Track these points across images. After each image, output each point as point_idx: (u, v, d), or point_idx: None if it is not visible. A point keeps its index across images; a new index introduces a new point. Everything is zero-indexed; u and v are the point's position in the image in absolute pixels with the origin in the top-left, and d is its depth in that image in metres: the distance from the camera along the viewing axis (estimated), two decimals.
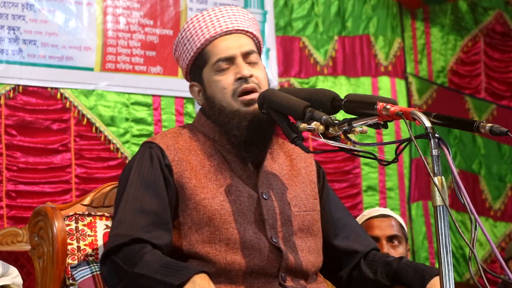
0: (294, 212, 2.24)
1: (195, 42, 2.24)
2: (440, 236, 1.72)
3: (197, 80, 2.27)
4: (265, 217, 2.17)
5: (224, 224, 2.13)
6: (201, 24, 2.25)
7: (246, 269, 2.12)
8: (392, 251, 3.22)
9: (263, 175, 2.23)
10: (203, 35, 2.23)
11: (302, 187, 2.30)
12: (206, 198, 2.15)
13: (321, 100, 2.04)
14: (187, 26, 2.27)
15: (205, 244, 2.13)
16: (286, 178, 2.28)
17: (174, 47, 2.32)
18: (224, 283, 2.12)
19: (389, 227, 3.25)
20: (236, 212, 2.15)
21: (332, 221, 2.36)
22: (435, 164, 1.74)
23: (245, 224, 2.15)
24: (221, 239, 2.13)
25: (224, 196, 2.16)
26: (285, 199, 2.24)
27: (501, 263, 1.67)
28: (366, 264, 2.33)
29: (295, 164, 2.33)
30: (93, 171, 4.75)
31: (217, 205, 2.15)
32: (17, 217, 4.50)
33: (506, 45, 6.52)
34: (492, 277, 5.48)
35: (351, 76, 5.76)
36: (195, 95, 2.30)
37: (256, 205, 2.18)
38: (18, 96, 4.60)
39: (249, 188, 2.19)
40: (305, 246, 2.23)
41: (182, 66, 2.31)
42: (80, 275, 2.27)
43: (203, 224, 2.14)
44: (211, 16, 2.25)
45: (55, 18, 4.70)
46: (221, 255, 2.12)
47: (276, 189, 2.24)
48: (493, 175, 6.31)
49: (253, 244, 2.13)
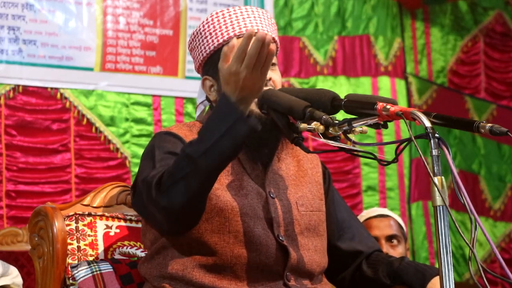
0: (300, 212, 2.24)
1: (217, 37, 2.23)
2: (440, 236, 1.72)
3: (212, 75, 2.26)
4: (272, 215, 2.17)
5: (235, 217, 2.13)
6: (227, 20, 2.24)
7: (252, 265, 2.12)
8: (391, 251, 3.23)
9: (271, 174, 2.23)
10: (227, 31, 2.23)
11: (308, 188, 2.30)
12: (219, 189, 2.14)
13: (321, 100, 2.04)
14: (211, 19, 2.25)
15: (214, 234, 2.13)
16: (293, 178, 2.29)
17: (191, 37, 2.29)
18: (228, 278, 2.11)
19: (387, 227, 3.26)
20: (247, 206, 2.15)
21: (336, 222, 2.37)
22: (435, 164, 1.75)
23: (254, 219, 2.15)
24: (230, 230, 2.13)
25: (235, 190, 2.16)
26: (292, 198, 2.24)
27: (501, 263, 1.67)
28: (367, 264, 2.34)
29: (302, 165, 2.33)
30: (93, 171, 4.75)
31: (229, 196, 2.15)
32: (17, 217, 4.50)
33: (506, 45, 6.51)
34: (492, 277, 5.48)
35: (351, 76, 5.76)
36: (206, 90, 2.27)
37: (264, 203, 2.18)
38: (18, 96, 4.61)
39: (257, 186, 2.20)
40: (311, 246, 2.23)
41: (197, 58, 2.28)
42: (80, 275, 2.27)
43: (214, 214, 2.13)
44: (237, 14, 2.25)
45: (55, 18, 4.70)
46: (229, 247, 2.11)
47: (283, 188, 2.24)
48: (493, 175, 6.31)
49: (261, 240, 2.14)
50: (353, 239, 2.36)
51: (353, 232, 2.38)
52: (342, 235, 2.36)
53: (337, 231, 2.36)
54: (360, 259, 2.35)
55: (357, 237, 2.37)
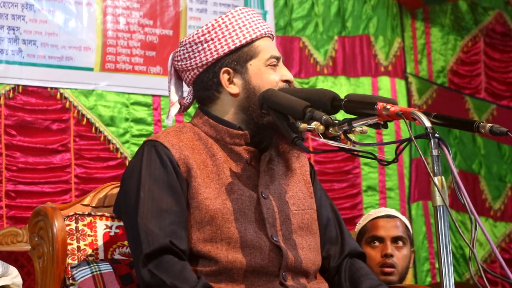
0: (293, 211, 2.25)
1: (243, 33, 2.26)
2: (440, 236, 1.72)
3: (234, 69, 2.27)
4: (265, 216, 2.18)
5: (226, 223, 2.14)
6: (253, 18, 2.30)
7: (247, 268, 2.12)
8: (396, 252, 3.22)
9: (262, 175, 2.24)
10: (257, 28, 2.28)
11: (299, 187, 2.32)
12: (208, 198, 2.15)
13: (321, 100, 2.04)
14: (237, 14, 2.29)
15: (206, 243, 2.14)
16: (284, 178, 2.30)
17: (207, 28, 2.28)
18: (225, 282, 2.12)
19: (394, 228, 3.25)
20: (238, 211, 2.16)
21: (320, 221, 2.37)
22: (435, 164, 1.75)
23: (246, 224, 2.15)
24: (222, 238, 2.13)
25: (226, 195, 2.16)
26: (284, 198, 2.25)
27: (501, 263, 1.67)
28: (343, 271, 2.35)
29: (290, 164, 2.34)
30: (93, 171, 4.75)
31: (219, 204, 2.15)
32: (17, 217, 4.50)
33: (506, 45, 6.51)
34: (492, 277, 5.48)
35: (351, 76, 5.75)
36: (224, 82, 2.27)
37: (256, 204, 2.19)
38: (17, 96, 4.60)
39: (249, 188, 2.20)
40: (305, 244, 2.24)
41: (215, 50, 2.27)
42: (80, 275, 2.27)
43: (205, 223, 2.14)
44: (255, 14, 2.33)
45: (55, 18, 4.70)
46: (223, 253, 2.12)
47: (274, 188, 2.25)
48: (493, 175, 6.30)
49: (254, 243, 2.14)
50: (331, 241, 2.36)
51: (331, 234, 2.37)
52: (324, 233, 2.37)
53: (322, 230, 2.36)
54: (333, 262, 2.35)
55: (335, 239, 2.37)
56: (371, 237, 3.25)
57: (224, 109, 2.28)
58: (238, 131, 2.24)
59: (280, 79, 2.26)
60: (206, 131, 2.28)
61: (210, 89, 2.29)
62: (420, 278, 5.71)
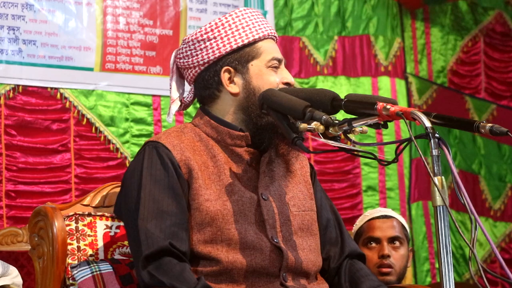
0: (293, 212, 2.25)
1: (246, 33, 2.27)
2: (440, 236, 1.72)
3: (235, 68, 2.27)
4: (265, 217, 2.18)
5: (226, 225, 2.14)
6: (257, 19, 2.30)
7: (248, 269, 2.12)
8: (393, 252, 3.21)
9: (262, 176, 2.24)
10: (260, 29, 2.28)
11: (299, 188, 2.31)
12: (209, 200, 2.15)
13: (321, 100, 2.04)
14: (240, 14, 2.30)
15: (207, 244, 2.14)
16: (284, 179, 2.29)
17: (210, 26, 2.28)
18: (225, 282, 2.12)
19: (390, 228, 3.24)
20: (238, 212, 2.16)
21: (320, 222, 2.37)
22: (435, 164, 1.75)
23: (246, 225, 2.15)
24: (222, 239, 2.13)
25: (226, 197, 2.16)
26: (284, 199, 2.25)
27: (501, 263, 1.67)
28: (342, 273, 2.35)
29: (291, 165, 2.34)
30: (93, 171, 4.75)
31: (219, 205, 2.15)
32: (17, 217, 4.50)
33: (506, 45, 6.51)
34: (492, 277, 5.48)
35: (351, 76, 5.75)
36: (224, 81, 2.28)
37: (257, 206, 2.19)
38: (17, 96, 4.60)
39: (249, 189, 2.20)
40: (306, 245, 2.24)
41: (217, 48, 2.27)
42: (80, 275, 2.27)
43: (205, 225, 2.14)
44: (259, 16, 2.33)
45: (55, 18, 4.69)
46: (223, 254, 2.12)
47: (274, 190, 2.25)
48: (493, 175, 6.30)
49: (254, 244, 2.14)
50: (330, 241, 2.36)
51: (330, 234, 2.37)
52: (324, 234, 2.37)
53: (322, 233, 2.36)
54: (332, 264, 2.35)
55: (335, 241, 2.37)
56: (368, 238, 3.25)
57: (224, 108, 2.28)
58: (239, 133, 2.24)
59: (281, 81, 2.26)
60: (207, 132, 2.28)
61: (211, 87, 2.29)
62: (420, 278, 5.71)
